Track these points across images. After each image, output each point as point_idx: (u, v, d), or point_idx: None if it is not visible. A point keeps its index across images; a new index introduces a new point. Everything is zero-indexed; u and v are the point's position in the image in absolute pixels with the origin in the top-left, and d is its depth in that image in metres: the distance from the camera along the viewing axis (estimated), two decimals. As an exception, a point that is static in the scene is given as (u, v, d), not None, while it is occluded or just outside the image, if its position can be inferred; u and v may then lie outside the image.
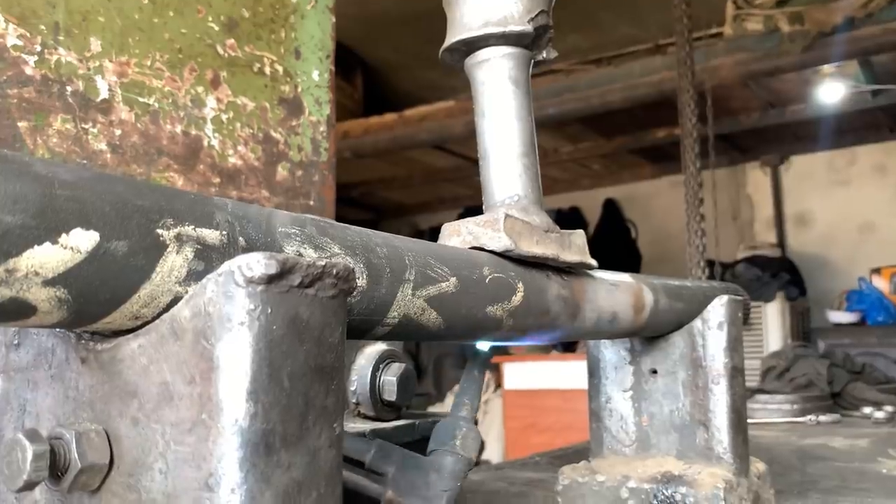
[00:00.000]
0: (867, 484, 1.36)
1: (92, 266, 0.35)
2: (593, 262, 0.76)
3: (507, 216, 0.66)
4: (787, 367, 2.78)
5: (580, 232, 0.77)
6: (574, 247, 0.74)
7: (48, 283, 0.33)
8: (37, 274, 0.33)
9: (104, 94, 1.01)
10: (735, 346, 0.97)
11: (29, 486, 0.35)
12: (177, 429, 0.36)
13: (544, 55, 0.78)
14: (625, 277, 0.86)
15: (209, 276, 0.36)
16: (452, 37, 0.75)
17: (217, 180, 1.15)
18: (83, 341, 0.40)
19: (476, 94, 0.76)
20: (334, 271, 0.39)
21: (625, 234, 7.36)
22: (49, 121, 0.95)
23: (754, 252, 6.05)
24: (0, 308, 0.33)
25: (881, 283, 5.89)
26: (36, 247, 0.33)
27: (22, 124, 0.92)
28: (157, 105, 1.07)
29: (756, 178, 6.72)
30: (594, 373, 1.05)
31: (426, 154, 6.71)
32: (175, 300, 0.38)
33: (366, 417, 0.76)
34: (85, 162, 0.99)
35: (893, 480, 1.41)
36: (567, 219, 7.56)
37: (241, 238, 0.41)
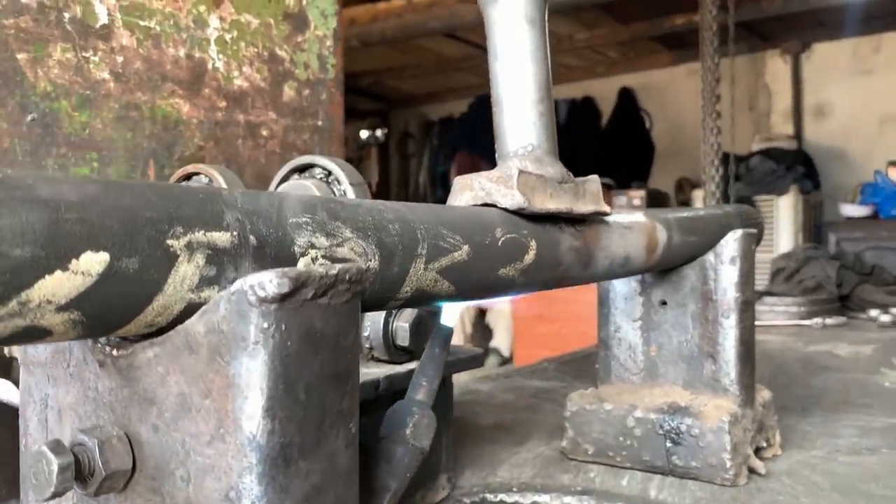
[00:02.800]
0: (869, 399, 1.39)
1: (104, 287, 0.34)
2: (607, 209, 0.75)
3: (520, 172, 0.65)
4: (796, 269, 2.80)
5: (594, 178, 0.75)
6: (588, 195, 0.73)
7: (61, 308, 0.33)
8: (49, 302, 0.33)
9: (103, 20, 0.98)
10: (747, 280, 0.97)
11: (56, 496, 0.36)
12: (196, 440, 0.36)
13: (562, -11, 0.74)
14: (638, 217, 0.85)
15: (222, 294, 0.36)
16: (465, -27, 0.71)
17: (223, 104, 1.12)
18: (100, 345, 0.40)
19: (489, 34, 0.73)
20: (347, 276, 0.39)
21: (639, 124, 7.24)
22: (48, 51, 0.92)
23: (770, 144, 5.95)
24: (16, 334, 0.33)
25: (898, 176, 5.81)
26: (47, 276, 0.32)
27: (21, 56, 0.90)
28: (158, 28, 1.04)
29: (775, 66, 6.52)
30: (604, 302, 1.05)
31: (436, 42, 6.52)
32: (188, 307, 0.38)
33: (379, 361, 0.78)
34: (88, 93, 0.96)
35: (894, 394, 1.44)
36: (580, 109, 7.42)
37: (251, 236, 0.41)
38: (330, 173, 0.82)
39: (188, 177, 0.92)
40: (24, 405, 0.44)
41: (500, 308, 6.14)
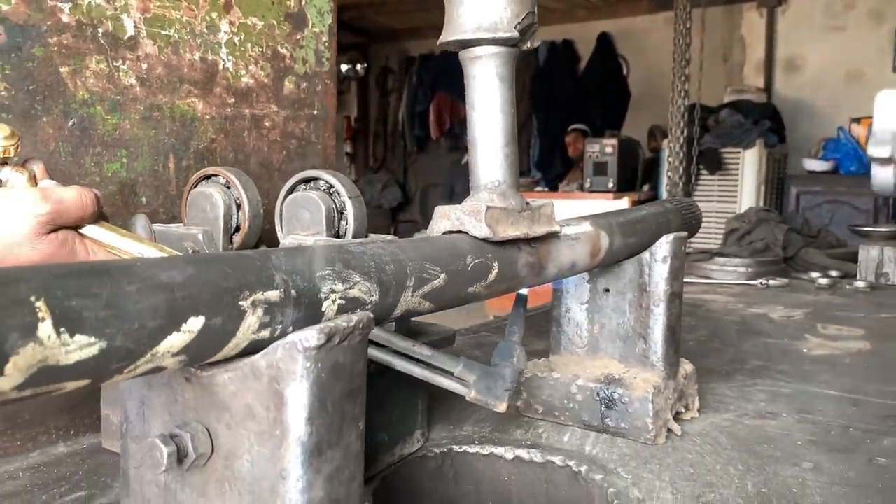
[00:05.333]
0: (786, 365, 1.61)
1: (200, 338, 0.52)
2: (557, 229, 0.93)
3: (488, 208, 0.82)
4: (748, 231, 3.01)
5: (549, 202, 0.93)
6: (543, 218, 0.91)
7: (175, 354, 0.51)
8: (168, 352, 0.50)
9: (130, 32, 1.11)
10: (676, 276, 1.16)
11: (164, 471, 0.54)
12: (258, 437, 0.54)
13: (528, 45, 0.90)
14: (585, 227, 1.03)
15: (279, 342, 0.53)
16: (449, 35, 0.87)
17: (232, 100, 1.27)
18: (186, 367, 0.57)
19: (468, 87, 0.88)
20: (360, 325, 0.57)
21: (616, 70, 7.35)
22: (85, 63, 1.06)
23: (740, 97, 6.12)
24: (147, 372, 0.51)
25: (860, 132, 6.02)
26: (168, 336, 0.50)
27: (63, 69, 1.04)
28: (177, 36, 1.17)
29: (751, 19, 6.63)
30: (557, 286, 1.24)
31: (419, -20, 6.52)
32: (250, 344, 0.56)
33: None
34: (118, 98, 1.11)
35: (811, 361, 1.67)
36: (559, 52, 7.49)
37: (293, 290, 0.58)
38: (332, 186, 0.99)
39: (207, 177, 1.07)
40: (126, 400, 0.61)
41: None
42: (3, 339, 0.41)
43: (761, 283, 2.66)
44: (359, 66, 8.66)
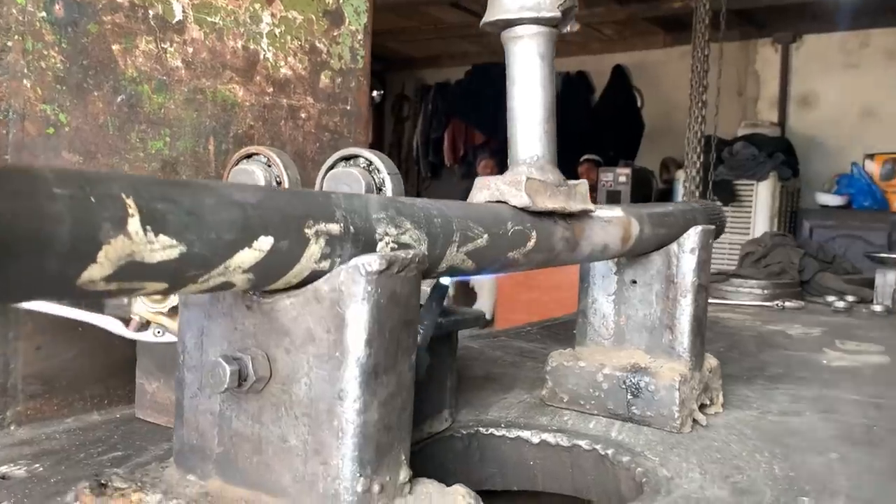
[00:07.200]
0: (807, 373, 1.62)
1: (268, 259, 0.54)
2: (592, 207, 0.95)
3: (528, 179, 0.85)
4: (764, 254, 3.02)
5: (584, 182, 0.95)
6: (579, 195, 0.93)
7: (245, 272, 0.53)
8: (239, 267, 0.52)
9: (178, 16, 1.15)
10: (703, 267, 1.17)
11: (226, 390, 0.56)
12: (317, 359, 0.56)
13: (568, 28, 0.94)
14: (617, 212, 1.05)
15: (342, 266, 0.56)
16: (492, 15, 0.90)
17: (271, 90, 1.31)
18: (248, 294, 0.60)
19: (509, 63, 0.92)
20: (417, 259, 0.59)
21: (630, 102, 7.42)
22: (136, 42, 1.10)
23: (754, 130, 6.17)
24: (217, 286, 0.53)
25: (873, 169, 6.05)
26: (240, 251, 0.52)
27: (115, 47, 1.08)
28: (221, 23, 1.21)
29: (766, 54, 6.71)
30: (584, 278, 1.26)
31: (438, 8, 6.64)
32: (311, 273, 0.58)
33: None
34: (164, 79, 1.14)
35: (829, 371, 1.67)
36: (574, 83, 7.58)
37: (351, 227, 0.60)
38: (371, 163, 1.02)
39: (249, 156, 1.10)
40: (184, 332, 0.63)
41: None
42: (97, 227, 0.44)
43: (777, 305, 2.67)
44: (375, 93, 8.77)
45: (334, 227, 0.58)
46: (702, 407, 1.19)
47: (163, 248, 0.47)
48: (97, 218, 0.43)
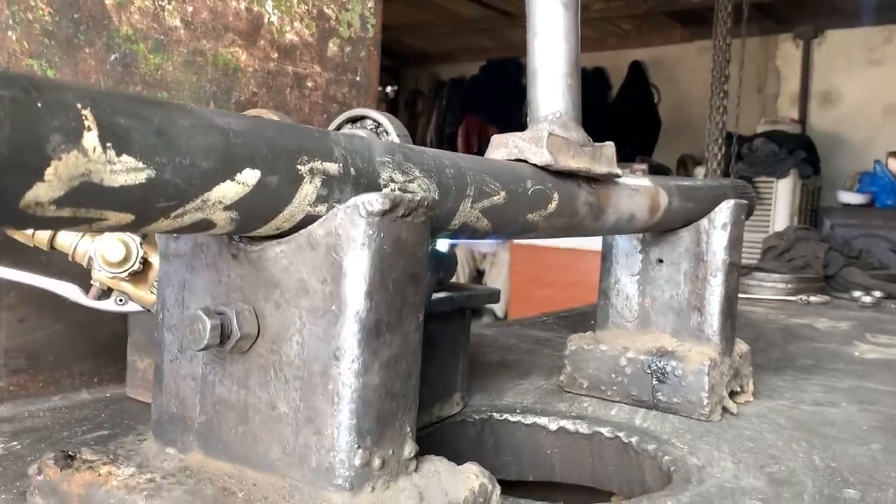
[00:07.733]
0: (838, 364, 1.53)
1: (255, 195, 0.47)
2: (619, 171, 0.88)
3: (550, 134, 0.77)
4: (787, 248, 2.93)
5: (610, 144, 0.87)
6: (604, 158, 0.86)
7: (227, 208, 0.46)
8: (220, 202, 0.45)
9: (178, -28, 1.08)
10: (735, 245, 1.09)
11: (206, 348, 0.49)
12: (311, 314, 0.49)
13: (594, -23, 0.86)
14: (644, 182, 0.98)
15: (339, 206, 0.48)
16: (513, -41, 0.82)
17: (275, 55, 1.24)
18: (234, 241, 0.52)
19: (529, 14, 0.84)
20: (425, 203, 0.51)
21: (647, 98, 7.30)
22: (131, -2, 1.03)
23: (774, 126, 6.03)
24: (193, 225, 0.46)
25: (896, 167, 5.91)
26: (221, 183, 0.45)
27: (108, 2, 1.01)
28: (224, -18, 1.14)
29: (787, 50, 6.58)
30: (607, 257, 1.18)
31: (454, 2, 6.56)
32: (305, 217, 0.51)
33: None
34: (162, 38, 1.08)
35: (862, 363, 1.58)
36: (591, 79, 7.47)
37: (351, 168, 0.53)
38: (379, 125, 0.94)
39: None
40: (163, 287, 0.56)
41: (499, 270, 6.29)
42: (44, 138, 0.37)
43: (801, 299, 2.58)
44: (389, 89, 8.70)
45: (332, 167, 0.51)
46: (732, 394, 1.11)
47: (126, 171, 0.40)
48: (44, 126, 0.36)
